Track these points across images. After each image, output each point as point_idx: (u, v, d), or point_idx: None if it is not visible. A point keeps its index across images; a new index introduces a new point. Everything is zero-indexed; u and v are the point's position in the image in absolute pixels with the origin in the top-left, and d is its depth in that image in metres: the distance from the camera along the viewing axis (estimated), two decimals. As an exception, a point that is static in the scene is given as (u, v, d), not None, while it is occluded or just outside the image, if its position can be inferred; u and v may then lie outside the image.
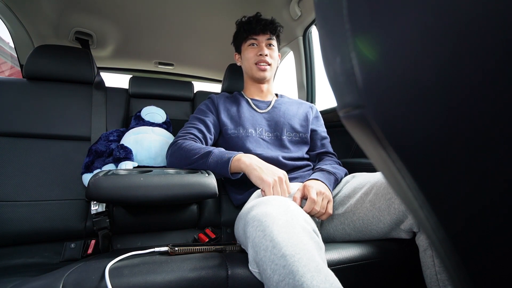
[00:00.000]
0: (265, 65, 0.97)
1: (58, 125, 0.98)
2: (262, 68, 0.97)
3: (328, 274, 0.42)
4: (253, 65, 0.98)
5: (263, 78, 0.99)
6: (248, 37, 0.99)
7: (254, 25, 0.97)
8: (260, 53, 0.96)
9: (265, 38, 0.98)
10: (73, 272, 0.49)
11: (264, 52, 0.96)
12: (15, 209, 0.82)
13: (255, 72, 0.99)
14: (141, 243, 0.89)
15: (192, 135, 0.87)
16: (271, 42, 1.00)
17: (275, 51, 1.01)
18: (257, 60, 0.97)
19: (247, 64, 1.01)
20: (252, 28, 0.97)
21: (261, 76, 0.98)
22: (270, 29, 0.98)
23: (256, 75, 0.99)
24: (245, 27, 0.99)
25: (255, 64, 0.97)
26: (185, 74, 1.92)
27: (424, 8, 0.13)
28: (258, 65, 0.97)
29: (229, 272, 0.52)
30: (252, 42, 0.99)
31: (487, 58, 0.12)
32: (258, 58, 0.97)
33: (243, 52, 1.01)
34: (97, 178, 0.63)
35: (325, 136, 1.04)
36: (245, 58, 1.01)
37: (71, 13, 1.29)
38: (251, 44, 0.99)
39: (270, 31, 0.98)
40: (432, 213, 0.16)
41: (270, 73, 1.00)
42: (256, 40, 0.98)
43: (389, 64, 0.14)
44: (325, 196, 0.70)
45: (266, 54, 0.96)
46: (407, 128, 0.15)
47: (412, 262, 0.64)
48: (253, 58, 0.98)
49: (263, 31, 0.97)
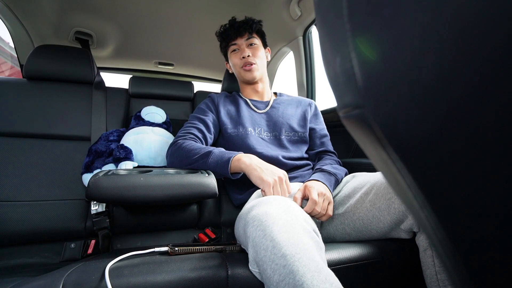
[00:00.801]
0: (249, 66, 0.97)
1: (58, 125, 0.98)
2: (247, 69, 0.97)
3: (328, 274, 0.42)
4: (240, 69, 0.99)
5: (252, 78, 0.99)
6: (229, 44, 1.00)
7: (229, 31, 0.99)
8: (242, 55, 0.97)
9: (243, 40, 0.98)
10: (73, 272, 0.49)
11: (245, 54, 0.96)
12: (15, 209, 0.82)
13: (243, 75, 0.99)
14: (141, 243, 0.89)
15: (192, 135, 0.87)
16: (252, 41, 0.99)
17: (258, 49, 1.00)
18: (242, 64, 0.98)
19: (235, 70, 1.03)
20: (229, 34, 0.99)
21: (250, 77, 0.99)
22: (246, 28, 0.98)
23: (245, 77, 1.00)
24: (223, 36, 1.01)
25: (241, 67, 0.99)
26: (185, 74, 1.92)
27: (424, 8, 0.13)
28: (243, 68, 0.98)
29: (229, 272, 0.52)
30: (233, 48, 1.00)
31: (488, 58, 0.12)
32: (242, 61, 0.98)
33: (230, 60, 1.04)
34: (97, 178, 0.63)
35: (324, 134, 1.03)
36: (232, 64, 1.03)
37: (71, 13, 1.29)
38: (234, 50, 1.00)
39: (247, 31, 0.98)
40: (432, 213, 0.16)
41: (259, 72, 1.00)
42: (236, 44, 0.99)
43: (389, 64, 0.14)
44: (326, 197, 0.70)
45: (249, 55, 0.97)
46: (407, 128, 0.15)
47: (412, 262, 0.64)
48: (238, 62, 0.99)
49: (239, 34, 0.98)
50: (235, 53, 1.00)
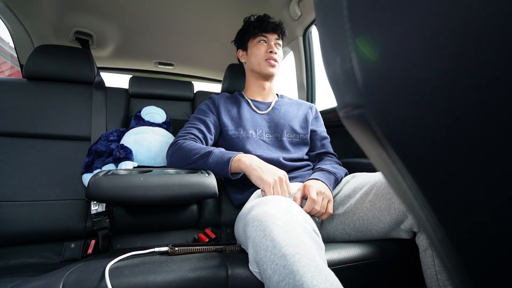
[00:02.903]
0: (274, 61, 0.98)
1: (58, 125, 0.98)
2: (272, 64, 0.98)
3: (328, 274, 0.42)
4: (263, 61, 0.98)
5: (272, 74, 1.00)
6: (259, 34, 1.00)
7: (265, 24, 0.99)
8: (270, 50, 0.98)
9: (274, 37, 1.00)
10: (73, 272, 0.49)
11: (274, 49, 0.98)
12: (15, 209, 0.82)
13: (264, 68, 0.99)
14: (141, 243, 0.89)
15: (192, 135, 0.87)
16: (279, 42, 1.02)
17: (281, 51, 1.03)
18: (267, 57, 0.98)
19: (254, 60, 1.00)
20: (264, 26, 0.99)
21: (270, 72, 0.99)
22: (280, 30, 1.01)
23: (265, 70, 0.99)
24: (256, 24, 1.01)
25: (265, 60, 0.98)
26: (185, 74, 1.92)
27: (425, 9, 0.13)
28: (268, 61, 0.98)
29: (229, 272, 0.52)
30: (262, 39, 1.00)
31: (490, 59, 0.12)
32: (268, 55, 0.98)
33: (251, 48, 1.02)
34: (97, 178, 0.63)
35: (325, 136, 1.04)
36: (254, 54, 1.01)
37: (71, 13, 1.29)
38: (261, 41, 1.00)
39: (280, 31, 1.01)
40: (432, 214, 0.16)
41: (277, 70, 1.02)
42: (266, 37, 1.00)
43: (390, 64, 0.14)
44: (325, 196, 0.70)
45: (276, 52, 0.99)
46: (408, 129, 0.15)
47: (412, 262, 0.64)
48: (263, 54, 0.98)
49: (274, 30, 1.00)
50: (262, 44, 1.00)
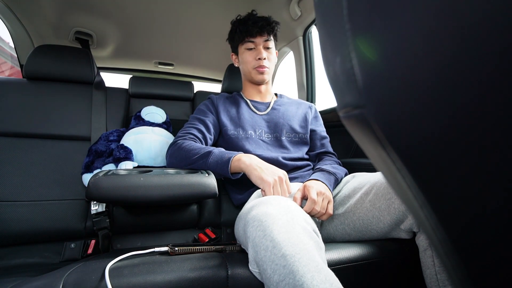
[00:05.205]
0: (263, 69, 0.95)
1: (58, 125, 0.98)
2: (261, 71, 0.96)
3: (328, 274, 0.42)
4: (252, 69, 0.96)
5: (262, 81, 0.99)
6: (245, 39, 0.95)
7: (250, 27, 0.93)
8: (258, 57, 0.94)
9: (262, 40, 0.95)
10: (73, 272, 0.49)
11: (262, 56, 0.93)
12: (15, 209, 0.82)
13: (254, 75, 0.97)
14: (141, 243, 0.89)
15: (192, 135, 0.87)
16: (268, 44, 0.96)
17: (272, 53, 0.98)
18: (256, 65, 0.95)
19: (245, 68, 0.99)
20: (249, 30, 0.93)
21: (260, 79, 0.98)
22: (267, 30, 0.94)
23: (255, 78, 0.98)
24: (241, 28, 0.95)
25: (254, 68, 0.96)
26: (185, 74, 1.92)
27: (424, 9, 0.13)
28: (257, 69, 0.95)
29: (229, 272, 0.52)
30: (249, 46, 0.95)
31: (490, 59, 0.12)
32: (257, 62, 0.95)
33: (241, 55, 0.99)
34: (97, 178, 0.63)
35: (324, 136, 1.04)
36: (243, 61, 0.98)
37: (71, 13, 1.29)
38: (249, 48, 0.96)
39: (267, 32, 0.94)
40: (432, 213, 0.16)
41: (269, 75, 0.99)
42: (254, 42, 0.95)
43: (389, 64, 0.14)
44: (325, 196, 0.70)
45: (265, 58, 0.94)
46: (407, 128, 0.15)
47: (412, 262, 0.64)
48: (252, 62, 0.95)
49: (260, 32, 0.93)
50: (250, 51, 0.96)
